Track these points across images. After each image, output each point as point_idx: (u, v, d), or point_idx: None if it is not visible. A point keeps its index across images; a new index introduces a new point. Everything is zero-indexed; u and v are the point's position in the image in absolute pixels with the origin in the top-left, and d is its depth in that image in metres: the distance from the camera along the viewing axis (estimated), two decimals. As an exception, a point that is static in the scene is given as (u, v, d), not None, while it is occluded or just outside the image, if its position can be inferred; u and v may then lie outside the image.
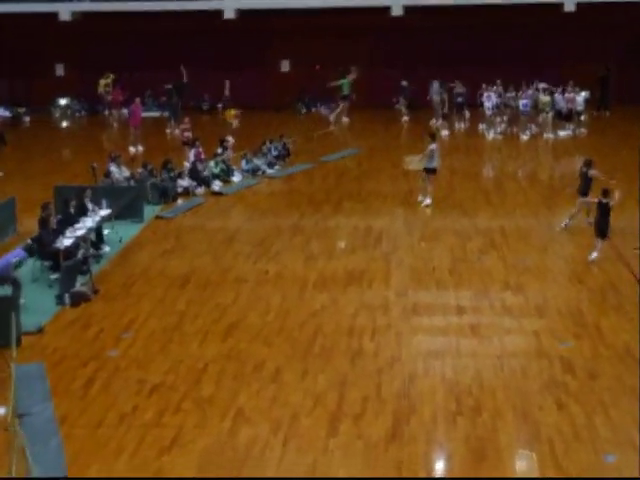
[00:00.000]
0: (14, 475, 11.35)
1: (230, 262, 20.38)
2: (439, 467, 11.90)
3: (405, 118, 39.90)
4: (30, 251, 18.90)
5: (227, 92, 37.59)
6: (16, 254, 18.58)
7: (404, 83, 40.17)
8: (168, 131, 36.32)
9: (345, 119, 39.34)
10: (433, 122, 36.97)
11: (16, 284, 17.22)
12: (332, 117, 39.05)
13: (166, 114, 38.78)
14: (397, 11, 39.97)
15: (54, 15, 40.01)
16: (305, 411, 13.26)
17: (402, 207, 24.97)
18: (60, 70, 43.25)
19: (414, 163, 25.84)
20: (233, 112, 34.36)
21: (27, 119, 41.23)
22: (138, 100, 35.01)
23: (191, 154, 27.85)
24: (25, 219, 22.56)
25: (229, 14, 39.95)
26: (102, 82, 41.23)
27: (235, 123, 34.50)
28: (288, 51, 42.45)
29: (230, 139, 31.03)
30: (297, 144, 33.02)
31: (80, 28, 41.19)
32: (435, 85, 38.36)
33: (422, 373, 14.48)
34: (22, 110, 41.52)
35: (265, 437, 12.52)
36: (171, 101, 37.71)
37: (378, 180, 28.42)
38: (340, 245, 21.75)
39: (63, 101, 43.03)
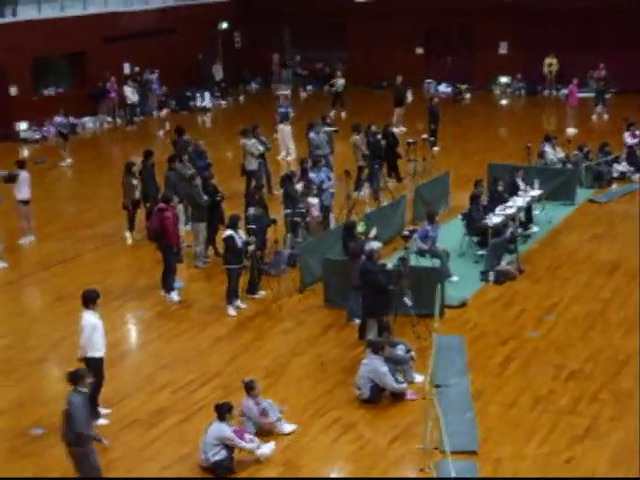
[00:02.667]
0: (428, 443, 11.67)
1: (663, 253, 19.52)
2: None
3: None
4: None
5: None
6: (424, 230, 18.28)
7: None
8: (594, 117, 35.35)
9: None
10: None
11: (444, 258, 17.71)
12: None
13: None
14: None
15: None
16: None
17: None
18: (503, 48, 43.42)
19: None
20: None
21: (468, 96, 41.87)
22: (576, 81, 34.38)
23: (629, 138, 26.88)
24: (458, 194, 22.98)
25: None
26: (547, 62, 40.96)
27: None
28: None
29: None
30: None
31: (525, 7, 41.11)
32: None
33: None
34: (463, 87, 42.23)
35: (685, 440, 11.91)
36: (595, 84, 36.56)
37: None
38: None
39: (504, 79, 43.25)
